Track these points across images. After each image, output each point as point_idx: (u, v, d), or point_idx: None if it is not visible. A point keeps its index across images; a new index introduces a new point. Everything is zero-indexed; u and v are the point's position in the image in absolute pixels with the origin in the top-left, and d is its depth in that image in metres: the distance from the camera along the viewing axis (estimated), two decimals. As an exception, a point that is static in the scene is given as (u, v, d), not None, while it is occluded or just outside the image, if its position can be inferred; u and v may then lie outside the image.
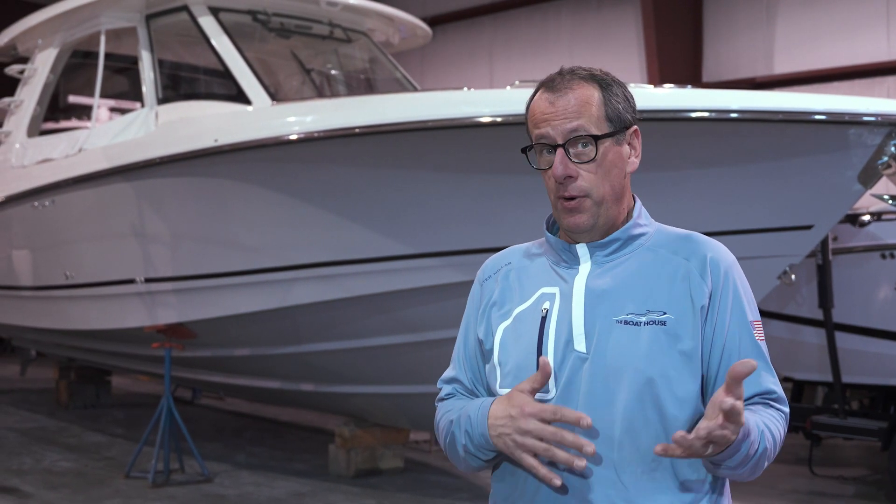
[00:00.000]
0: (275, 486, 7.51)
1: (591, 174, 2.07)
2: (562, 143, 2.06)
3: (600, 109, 2.09)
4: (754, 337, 2.08)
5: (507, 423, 1.99)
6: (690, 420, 2.02)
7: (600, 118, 2.09)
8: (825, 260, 7.33)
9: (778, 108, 5.56)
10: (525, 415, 1.96)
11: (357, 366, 7.30)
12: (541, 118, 2.09)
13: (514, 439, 1.97)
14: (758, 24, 13.69)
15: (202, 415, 11.08)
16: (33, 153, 9.13)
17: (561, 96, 2.08)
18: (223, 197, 7.14)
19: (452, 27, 17.07)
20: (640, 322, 2.03)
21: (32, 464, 8.17)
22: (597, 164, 2.07)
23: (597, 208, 2.08)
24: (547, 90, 2.11)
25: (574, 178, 2.06)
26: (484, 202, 6.17)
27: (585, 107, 2.08)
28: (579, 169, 2.06)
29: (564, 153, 2.06)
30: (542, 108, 2.10)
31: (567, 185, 2.07)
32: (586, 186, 2.07)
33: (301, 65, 8.92)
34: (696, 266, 2.08)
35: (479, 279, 2.27)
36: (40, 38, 9.60)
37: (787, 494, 7.43)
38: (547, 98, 2.10)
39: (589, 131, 2.06)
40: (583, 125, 2.06)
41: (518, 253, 2.26)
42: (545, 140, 2.08)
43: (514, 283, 2.19)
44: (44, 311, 9.40)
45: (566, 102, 2.08)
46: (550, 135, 2.07)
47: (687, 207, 5.92)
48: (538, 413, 1.95)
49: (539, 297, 2.13)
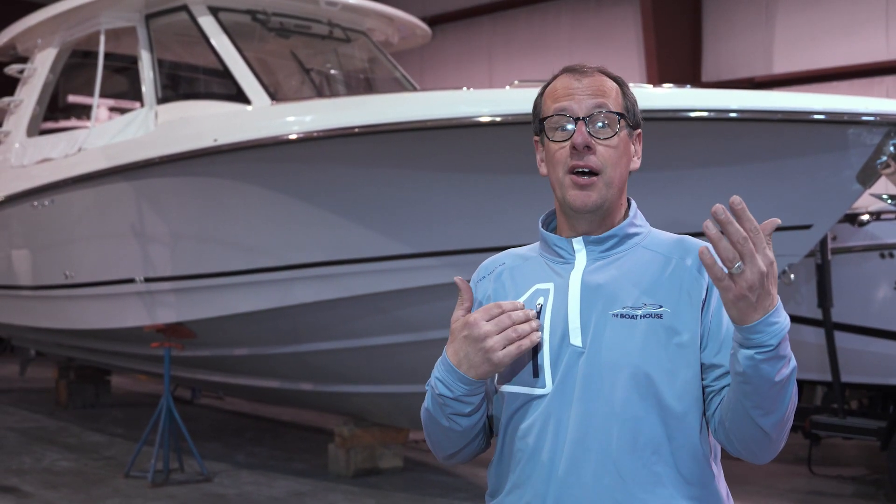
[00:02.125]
0: (274, 485, 7.51)
1: (609, 152, 2.09)
2: (583, 116, 2.08)
3: (619, 99, 2.13)
4: None
5: (465, 344, 2.00)
6: (688, 413, 2.02)
7: (619, 105, 2.13)
8: (824, 259, 7.33)
9: (777, 108, 5.57)
10: (472, 323, 1.98)
11: (356, 365, 7.30)
12: (563, 93, 2.11)
13: (482, 351, 1.97)
14: (757, 24, 13.69)
15: (202, 414, 11.08)
16: (33, 153, 9.14)
17: (588, 76, 2.12)
18: (222, 196, 7.14)
19: (452, 27, 17.07)
20: (637, 315, 2.03)
21: (32, 463, 8.17)
22: (615, 144, 2.10)
23: (606, 189, 2.09)
24: (570, 73, 2.15)
25: (592, 150, 2.08)
26: (483, 202, 6.18)
27: (609, 90, 2.12)
28: (598, 144, 2.08)
29: (585, 126, 2.08)
30: (566, 83, 2.13)
31: (584, 155, 2.07)
32: (601, 163, 2.08)
33: (300, 64, 8.92)
34: (693, 263, 2.08)
35: (474, 280, 2.28)
36: (40, 38, 9.61)
37: (786, 494, 7.43)
38: (572, 76, 2.13)
39: (612, 109, 2.10)
40: (606, 103, 2.10)
41: (513, 255, 2.28)
42: (566, 112, 2.10)
43: (508, 281, 2.20)
44: (43, 311, 9.40)
45: (593, 81, 2.12)
46: (573, 108, 2.09)
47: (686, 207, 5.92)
48: (483, 315, 1.98)
49: (533, 292, 2.13)
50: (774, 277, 1.82)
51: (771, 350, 1.83)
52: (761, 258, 1.80)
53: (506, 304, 2.00)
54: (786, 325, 1.85)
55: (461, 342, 2.01)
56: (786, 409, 1.93)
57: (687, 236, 2.18)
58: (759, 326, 1.83)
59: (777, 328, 1.83)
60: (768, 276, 1.80)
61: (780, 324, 1.84)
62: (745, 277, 1.79)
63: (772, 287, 1.81)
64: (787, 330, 1.86)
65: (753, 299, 1.80)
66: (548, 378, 2.06)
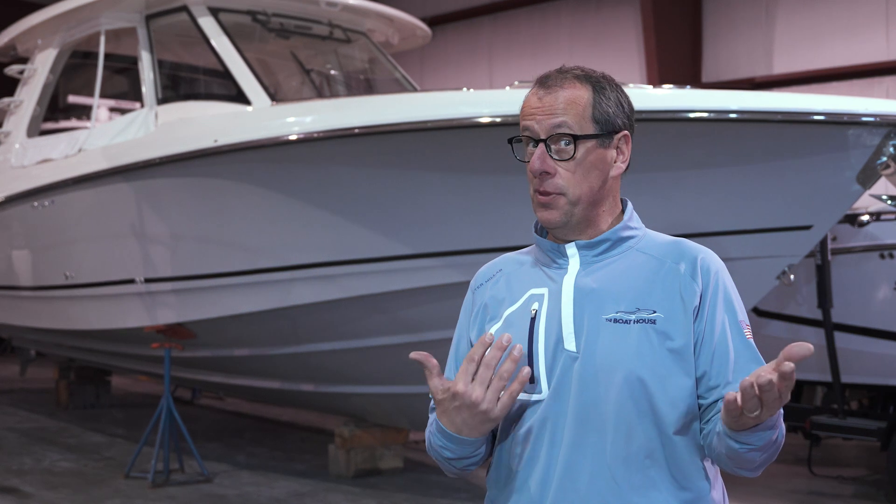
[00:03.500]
0: (275, 486, 7.52)
1: (569, 173, 2.08)
2: (544, 139, 2.08)
3: (587, 110, 2.10)
4: (745, 336, 2.08)
5: (460, 413, 1.99)
6: (683, 417, 2.03)
7: (586, 119, 2.09)
8: (824, 260, 7.33)
9: (777, 109, 5.57)
10: (461, 393, 1.96)
11: (357, 366, 7.31)
12: (528, 111, 2.11)
13: (478, 414, 1.97)
14: (757, 25, 13.69)
15: (202, 415, 11.09)
16: (33, 153, 9.14)
17: (550, 93, 2.10)
18: (223, 197, 7.14)
19: (452, 27, 17.07)
20: (630, 320, 2.03)
21: (32, 464, 8.17)
22: (576, 164, 2.08)
23: (570, 207, 2.09)
24: (539, 86, 2.13)
25: (551, 174, 2.08)
26: (483, 202, 6.18)
27: (572, 105, 2.09)
28: (557, 166, 2.08)
29: (545, 149, 2.08)
30: (531, 102, 2.12)
31: (543, 180, 2.08)
32: (562, 184, 2.08)
33: (301, 65, 8.92)
34: (687, 268, 2.08)
35: (472, 287, 2.29)
36: (40, 39, 9.61)
37: (785, 494, 7.44)
38: (537, 93, 2.12)
39: (571, 130, 2.07)
40: (566, 122, 2.07)
41: (509, 260, 2.28)
42: (529, 133, 2.11)
43: (504, 287, 2.20)
44: (44, 312, 9.40)
45: (553, 99, 2.09)
46: (534, 128, 2.09)
47: (686, 208, 5.93)
48: (464, 378, 1.96)
49: (528, 298, 2.14)
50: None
51: (757, 448, 1.92)
52: (780, 404, 1.81)
53: (477, 353, 1.97)
54: (778, 432, 1.91)
55: (454, 412, 2.00)
56: (774, 447, 1.97)
57: (683, 239, 2.17)
58: (751, 433, 1.89)
59: (769, 433, 1.90)
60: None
61: (774, 430, 1.90)
62: (757, 417, 1.83)
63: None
64: (778, 433, 1.91)
65: (755, 423, 1.85)
66: (543, 383, 2.06)
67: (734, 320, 2.09)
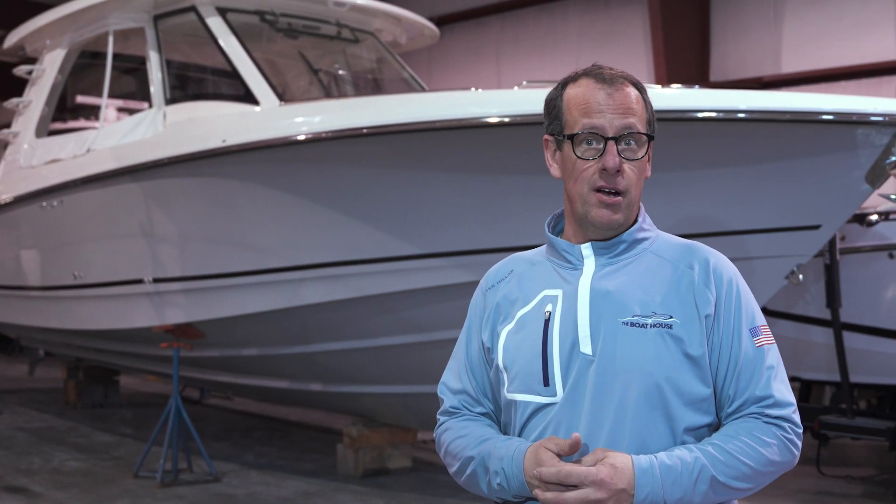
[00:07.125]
0: (283, 485, 7.52)
1: (633, 173, 2.07)
2: (613, 137, 2.05)
3: (644, 113, 2.10)
4: (756, 345, 2.07)
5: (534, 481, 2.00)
6: (697, 423, 2.03)
7: (644, 120, 2.10)
8: (833, 260, 7.32)
9: (785, 109, 5.56)
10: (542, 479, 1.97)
11: (365, 366, 7.31)
12: (595, 108, 2.06)
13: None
14: (765, 24, 13.66)
15: (210, 414, 11.10)
16: (41, 153, 9.16)
17: (617, 90, 2.08)
18: (231, 197, 7.15)
19: (460, 27, 17.06)
20: (647, 324, 2.02)
21: (41, 463, 8.19)
22: (639, 165, 2.08)
23: (628, 209, 2.09)
24: (600, 81, 2.09)
25: (621, 172, 2.06)
26: (491, 203, 6.18)
27: (637, 106, 2.09)
28: (625, 166, 2.06)
29: (615, 146, 2.06)
30: (599, 98, 2.07)
31: (614, 177, 2.05)
32: (627, 184, 2.07)
33: (309, 65, 8.92)
34: (700, 275, 2.07)
35: (482, 288, 2.27)
36: (48, 39, 9.63)
37: (794, 494, 7.42)
38: (602, 89, 2.08)
39: (640, 130, 2.07)
40: (635, 124, 2.07)
41: (520, 260, 2.26)
42: (596, 130, 2.06)
43: (516, 288, 2.18)
44: (52, 311, 9.42)
45: (623, 97, 2.07)
46: (604, 127, 2.05)
47: (695, 208, 5.93)
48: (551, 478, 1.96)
49: (541, 299, 2.12)
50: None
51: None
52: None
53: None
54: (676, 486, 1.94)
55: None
56: (762, 478, 2.02)
57: (695, 242, 2.16)
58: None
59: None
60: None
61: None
62: None
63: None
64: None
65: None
66: (558, 386, 2.05)
67: (748, 328, 2.07)
